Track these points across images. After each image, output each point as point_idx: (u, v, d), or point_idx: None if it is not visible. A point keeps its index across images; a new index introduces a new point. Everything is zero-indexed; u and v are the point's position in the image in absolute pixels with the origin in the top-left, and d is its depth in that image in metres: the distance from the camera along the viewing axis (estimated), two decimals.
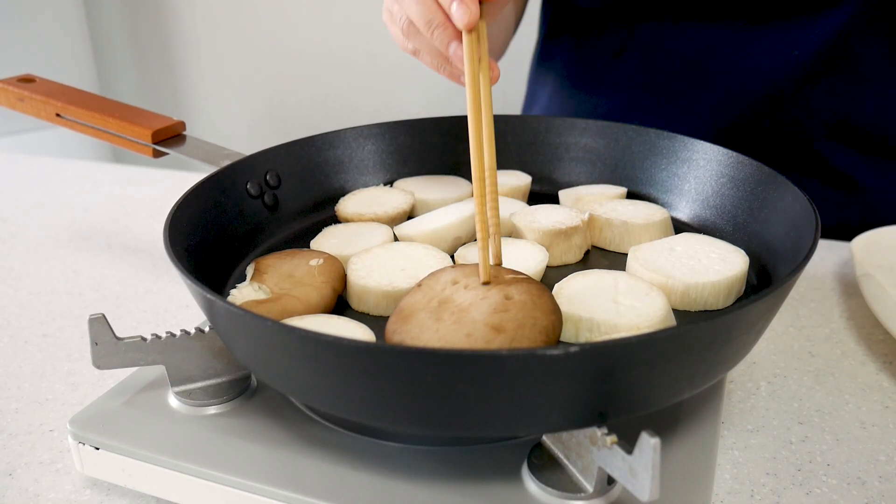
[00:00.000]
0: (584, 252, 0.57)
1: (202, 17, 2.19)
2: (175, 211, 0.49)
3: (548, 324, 0.40)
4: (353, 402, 0.36)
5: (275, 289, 0.49)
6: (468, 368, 0.32)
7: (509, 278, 0.44)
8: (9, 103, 0.66)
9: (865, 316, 0.62)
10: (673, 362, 0.35)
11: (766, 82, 0.80)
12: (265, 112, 2.22)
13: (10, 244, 0.80)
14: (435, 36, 0.51)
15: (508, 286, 0.43)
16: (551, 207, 0.59)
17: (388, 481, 0.39)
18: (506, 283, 0.43)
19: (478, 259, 0.45)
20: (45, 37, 1.95)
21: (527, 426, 0.36)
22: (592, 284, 0.48)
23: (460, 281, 0.44)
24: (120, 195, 0.95)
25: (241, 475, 0.40)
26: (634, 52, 0.85)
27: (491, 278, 0.43)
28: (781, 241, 0.51)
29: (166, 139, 0.63)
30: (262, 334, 0.36)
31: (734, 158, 0.59)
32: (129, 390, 0.46)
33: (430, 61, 0.55)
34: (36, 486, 0.45)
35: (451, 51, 0.51)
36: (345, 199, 0.63)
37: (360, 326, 0.45)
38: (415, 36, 0.54)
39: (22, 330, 0.63)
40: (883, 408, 0.51)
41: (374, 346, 0.34)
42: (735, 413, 0.50)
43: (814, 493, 0.43)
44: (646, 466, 0.31)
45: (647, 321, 0.44)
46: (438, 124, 0.70)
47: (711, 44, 0.80)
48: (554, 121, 0.69)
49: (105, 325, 0.43)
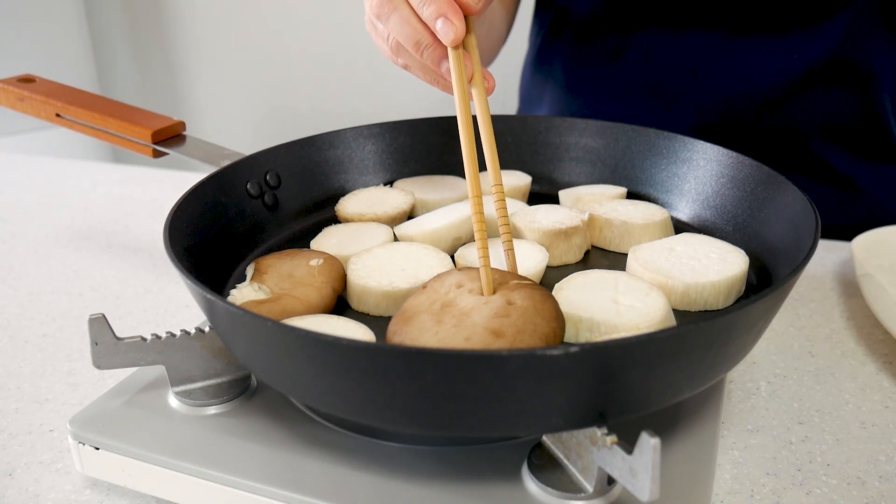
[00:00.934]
0: (585, 252, 0.57)
1: (202, 17, 2.19)
2: (175, 211, 0.49)
3: (549, 330, 0.40)
4: (354, 402, 0.36)
5: (275, 289, 0.49)
6: (468, 368, 0.32)
7: (513, 283, 0.44)
8: (9, 103, 0.66)
9: (865, 316, 0.62)
10: (673, 362, 0.35)
11: (764, 87, 0.80)
12: (265, 112, 2.22)
13: (10, 244, 0.80)
14: (425, 56, 0.50)
15: (512, 291, 0.43)
16: (551, 207, 0.59)
17: (388, 481, 0.39)
18: (510, 288, 0.43)
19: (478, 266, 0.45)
20: (45, 37, 1.95)
21: (527, 427, 0.36)
22: (592, 284, 0.48)
23: (465, 285, 0.44)
24: (120, 195, 0.95)
25: (241, 475, 0.40)
26: (631, 57, 0.85)
27: (494, 290, 0.43)
28: (781, 241, 0.51)
29: (166, 139, 0.63)
30: (263, 334, 0.36)
31: (734, 158, 0.59)
32: (129, 390, 0.46)
33: (422, 76, 0.54)
34: (36, 486, 0.45)
35: (443, 68, 0.51)
36: (345, 199, 0.63)
37: (360, 326, 0.45)
38: (404, 54, 0.53)
39: (22, 330, 0.63)
40: (883, 408, 0.51)
41: (374, 346, 0.34)
42: (735, 413, 0.50)
43: (814, 493, 0.43)
44: (646, 466, 0.31)
45: (648, 321, 0.44)
46: (439, 124, 0.70)
47: (708, 50, 0.81)
48: (554, 121, 0.70)
49: (105, 325, 0.43)
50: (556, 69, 0.93)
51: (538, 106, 0.96)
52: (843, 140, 0.83)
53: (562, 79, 0.92)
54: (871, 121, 0.82)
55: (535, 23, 0.97)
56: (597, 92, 0.88)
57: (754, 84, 0.80)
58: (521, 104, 1.01)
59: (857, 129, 0.82)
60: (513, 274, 0.46)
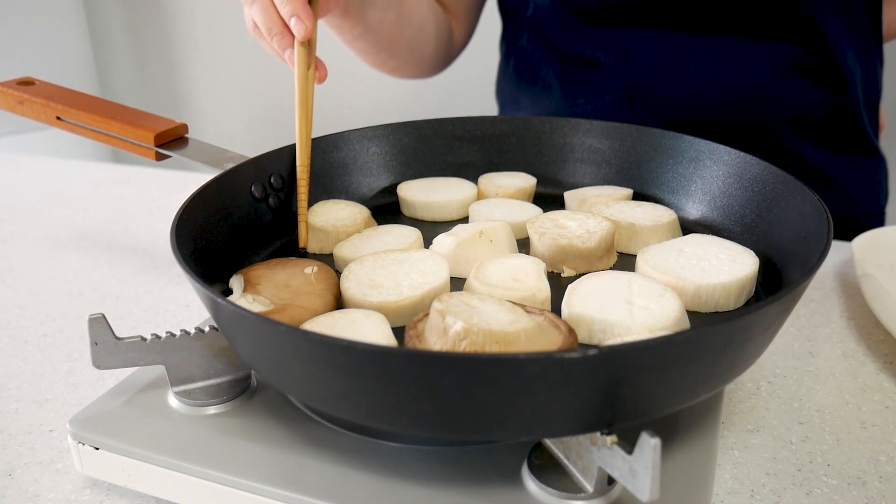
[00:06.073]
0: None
1: (202, 18, 2.20)
2: (181, 214, 0.48)
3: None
4: (369, 407, 0.36)
5: (273, 300, 0.48)
6: (485, 372, 0.32)
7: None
8: (8, 107, 0.66)
9: (865, 316, 0.62)
10: (691, 364, 0.34)
11: (734, 84, 0.81)
12: (265, 113, 2.22)
13: (10, 244, 0.80)
14: (274, 41, 0.59)
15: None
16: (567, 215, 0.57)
17: (388, 481, 0.39)
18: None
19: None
20: (45, 38, 1.95)
21: (542, 430, 0.36)
22: (606, 285, 0.48)
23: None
24: (120, 195, 0.95)
25: (241, 475, 0.40)
26: (602, 58, 0.85)
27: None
28: (790, 241, 0.50)
29: (169, 142, 0.62)
30: (277, 340, 0.36)
31: (741, 158, 0.58)
32: (129, 390, 0.46)
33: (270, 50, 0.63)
34: (36, 486, 0.45)
35: (286, 55, 0.60)
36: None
37: (371, 315, 0.44)
38: (258, 35, 0.63)
39: (22, 330, 0.63)
40: (883, 408, 0.51)
41: (391, 350, 0.34)
42: (735, 413, 0.50)
43: (814, 494, 0.43)
44: (646, 466, 0.31)
45: (662, 322, 0.43)
46: (442, 126, 0.70)
47: (678, 49, 0.81)
48: (558, 122, 0.69)
49: (105, 325, 0.43)
50: (528, 73, 0.93)
51: (515, 111, 0.97)
52: (814, 134, 0.84)
53: (535, 82, 0.92)
54: (842, 114, 0.83)
55: (504, 29, 0.98)
56: (571, 93, 0.88)
57: (724, 81, 0.81)
58: (500, 110, 1.02)
59: (828, 122, 0.84)
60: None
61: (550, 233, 0.54)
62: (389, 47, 0.83)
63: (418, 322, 0.43)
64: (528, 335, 0.40)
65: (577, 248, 0.53)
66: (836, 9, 0.78)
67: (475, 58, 1.06)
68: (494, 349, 0.39)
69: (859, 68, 0.83)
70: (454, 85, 1.54)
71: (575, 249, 0.53)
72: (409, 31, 0.84)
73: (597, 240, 0.53)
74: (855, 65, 0.82)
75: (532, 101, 0.93)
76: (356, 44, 0.81)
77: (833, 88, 0.82)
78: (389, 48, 0.83)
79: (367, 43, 0.81)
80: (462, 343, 0.39)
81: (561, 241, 0.53)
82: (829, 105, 0.82)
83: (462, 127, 0.70)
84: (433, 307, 0.41)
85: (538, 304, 0.47)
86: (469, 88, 1.66)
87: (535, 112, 0.93)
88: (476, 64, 1.19)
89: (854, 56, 0.82)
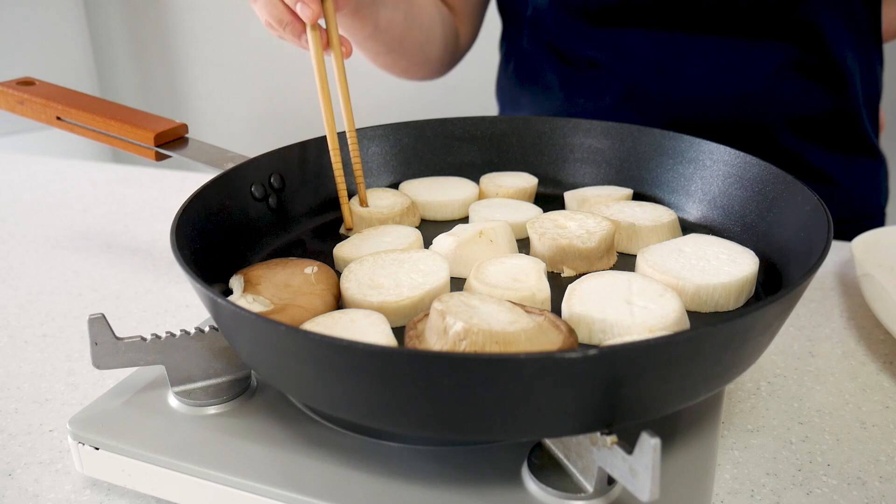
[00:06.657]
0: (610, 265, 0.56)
1: (202, 18, 2.19)
2: (181, 214, 0.48)
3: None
4: (369, 407, 0.36)
5: (274, 300, 0.48)
6: (485, 372, 0.32)
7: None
8: (8, 107, 0.66)
9: (865, 316, 0.62)
10: (691, 364, 0.34)
11: (733, 83, 0.81)
12: (266, 113, 2.22)
13: (10, 244, 0.80)
14: (287, 31, 0.61)
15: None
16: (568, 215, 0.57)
17: (388, 481, 0.39)
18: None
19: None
20: (45, 38, 1.95)
21: (542, 430, 0.36)
22: (606, 285, 0.48)
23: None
24: (120, 195, 0.95)
25: (241, 475, 0.40)
26: (602, 57, 0.85)
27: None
28: (790, 241, 0.50)
29: (169, 142, 0.62)
30: (277, 340, 0.36)
31: (741, 158, 0.58)
32: (129, 390, 0.46)
33: (293, 43, 0.64)
34: (36, 486, 0.45)
35: (302, 40, 0.61)
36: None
37: (371, 315, 0.44)
38: (273, 30, 0.64)
39: (22, 330, 0.63)
40: (883, 408, 0.51)
41: (391, 350, 0.34)
42: (735, 413, 0.50)
43: (814, 494, 0.43)
44: (646, 466, 0.31)
45: (662, 322, 0.43)
46: (442, 126, 0.70)
47: (676, 48, 0.82)
48: (558, 122, 0.69)
49: (105, 325, 0.43)
50: (528, 73, 0.93)
51: (515, 111, 0.97)
52: (814, 134, 0.84)
53: (535, 82, 0.92)
54: (842, 114, 0.83)
55: (504, 29, 0.98)
56: (571, 93, 0.89)
57: (724, 81, 0.81)
58: (500, 110, 1.02)
59: (828, 122, 0.84)
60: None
61: (550, 233, 0.54)
62: (399, 48, 0.84)
63: (418, 322, 0.43)
64: (528, 335, 0.40)
65: (577, 249, 0.53)
66: (835, 9, 0.79)
67: (475, 58, 1.06)
68: (494, 349, 0.39)
69: (859, 68, 0.83)
70: (454, 85, 1.54)
71: (575, 249, 0.53)
72: (418, 32, 0.84)
73: (597, 240, 0.53)
74: (854, 65, 0.82)
75: (532, 101, 0.93)
76: (366, 44, 0.82)
77: (833, 88, 0.82)
78: (399, 49, 0.84)
79: (377, 43, 0.81)
80: (462, 343, 0.39)
81: (561, 241, 0.53)
82: (829, 105, 0.83)
83: (462, 127, 0.70)
84: (433, 307, 0.41)
85: (538, 304, 0.47)
86: (469, 88, 1.67)
87: (536, 112, 0.93)
88: (476, 64, 1.19)
89: (853, 56, 0.82)
